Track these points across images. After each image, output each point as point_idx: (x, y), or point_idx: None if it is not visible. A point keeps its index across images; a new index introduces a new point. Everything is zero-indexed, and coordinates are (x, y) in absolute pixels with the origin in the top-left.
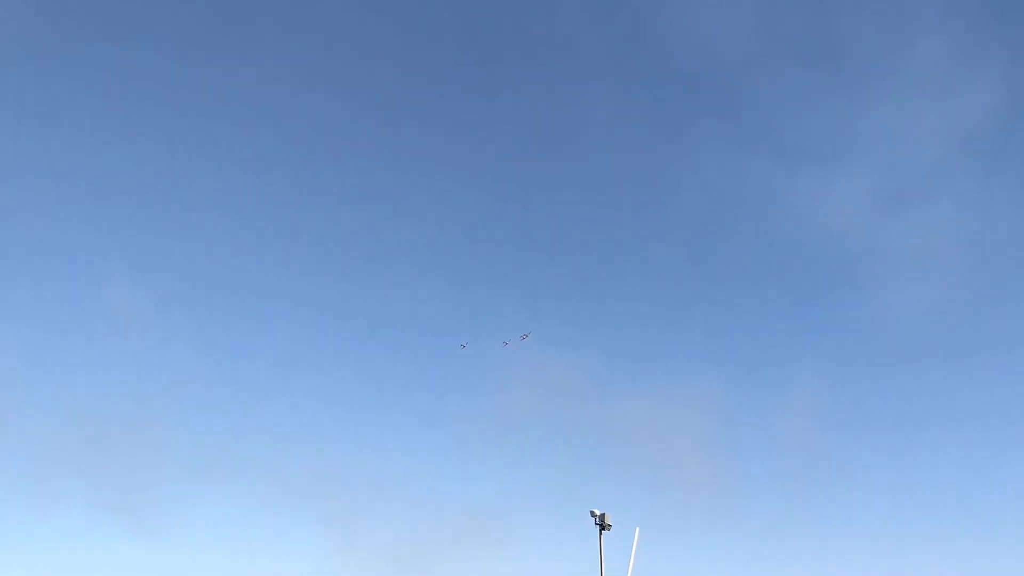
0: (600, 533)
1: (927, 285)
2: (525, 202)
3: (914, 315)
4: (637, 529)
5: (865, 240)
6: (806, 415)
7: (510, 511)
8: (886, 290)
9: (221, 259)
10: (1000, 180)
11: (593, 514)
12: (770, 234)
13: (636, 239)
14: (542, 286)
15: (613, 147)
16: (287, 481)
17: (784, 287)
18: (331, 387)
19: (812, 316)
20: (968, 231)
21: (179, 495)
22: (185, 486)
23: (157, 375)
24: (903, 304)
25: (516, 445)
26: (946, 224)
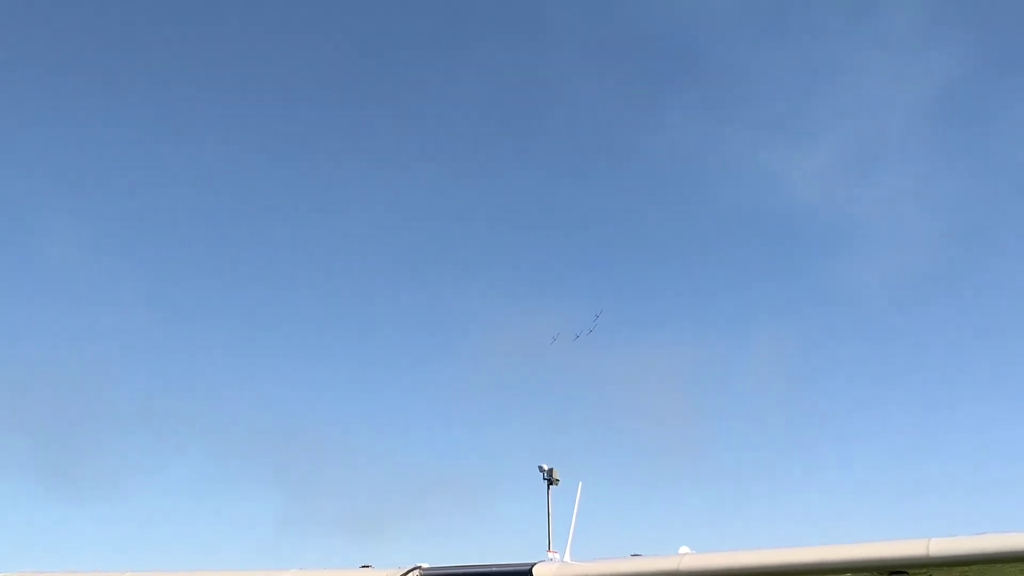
0: (548, 488)
1: (896, 251)
2: (493, 170)
3: (881, 281)
4: (580, 484)
5: (834, 207)
6: (772, 373)
7: (474, 469)
8: (854, 256)
9: (170, 209)
10: (968, 146)
11: (541, 469)
12: (739, 201)
13: (606, 203)
14: (512, 253)
15: (583, 115)
16: (238, 440)
17: (753, 253)
18: (288, 343)
19: (781, 281)
20: (935, 198)
21: (121, 457)
22: (128, 447)
23: (98, 329)
24: (870, 270)
25: (481, 401)
26: (914, 191)
